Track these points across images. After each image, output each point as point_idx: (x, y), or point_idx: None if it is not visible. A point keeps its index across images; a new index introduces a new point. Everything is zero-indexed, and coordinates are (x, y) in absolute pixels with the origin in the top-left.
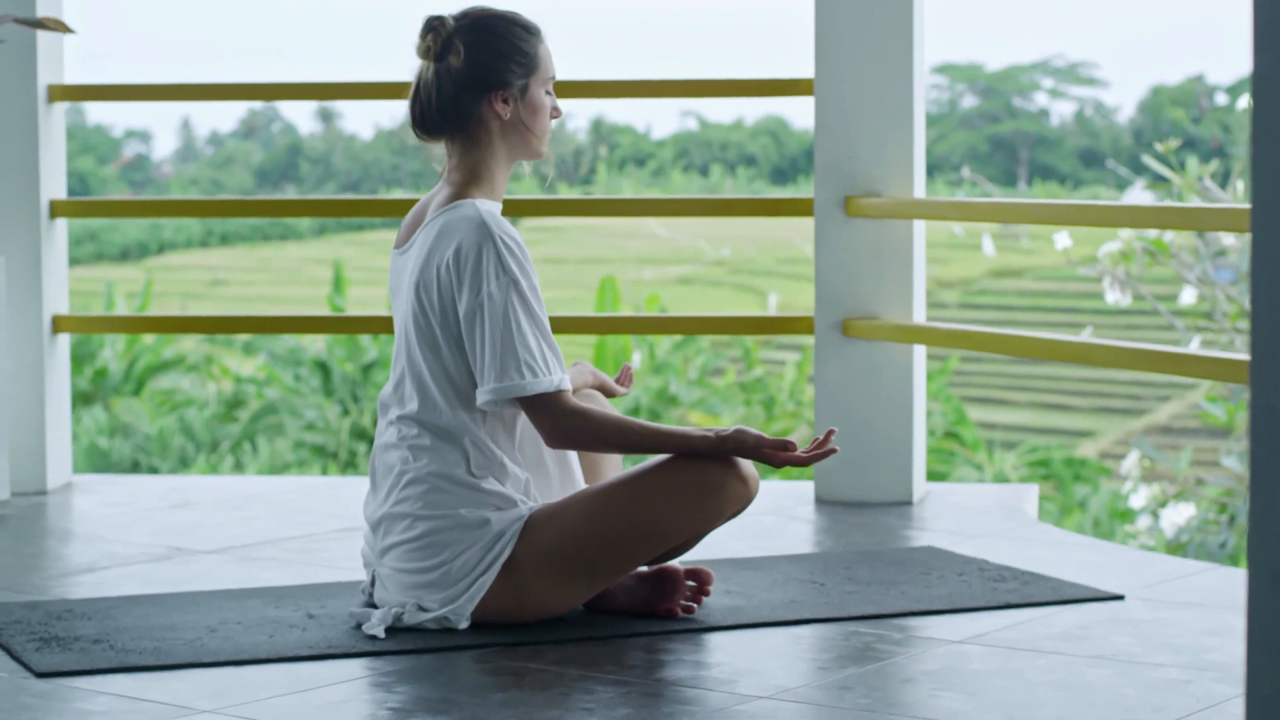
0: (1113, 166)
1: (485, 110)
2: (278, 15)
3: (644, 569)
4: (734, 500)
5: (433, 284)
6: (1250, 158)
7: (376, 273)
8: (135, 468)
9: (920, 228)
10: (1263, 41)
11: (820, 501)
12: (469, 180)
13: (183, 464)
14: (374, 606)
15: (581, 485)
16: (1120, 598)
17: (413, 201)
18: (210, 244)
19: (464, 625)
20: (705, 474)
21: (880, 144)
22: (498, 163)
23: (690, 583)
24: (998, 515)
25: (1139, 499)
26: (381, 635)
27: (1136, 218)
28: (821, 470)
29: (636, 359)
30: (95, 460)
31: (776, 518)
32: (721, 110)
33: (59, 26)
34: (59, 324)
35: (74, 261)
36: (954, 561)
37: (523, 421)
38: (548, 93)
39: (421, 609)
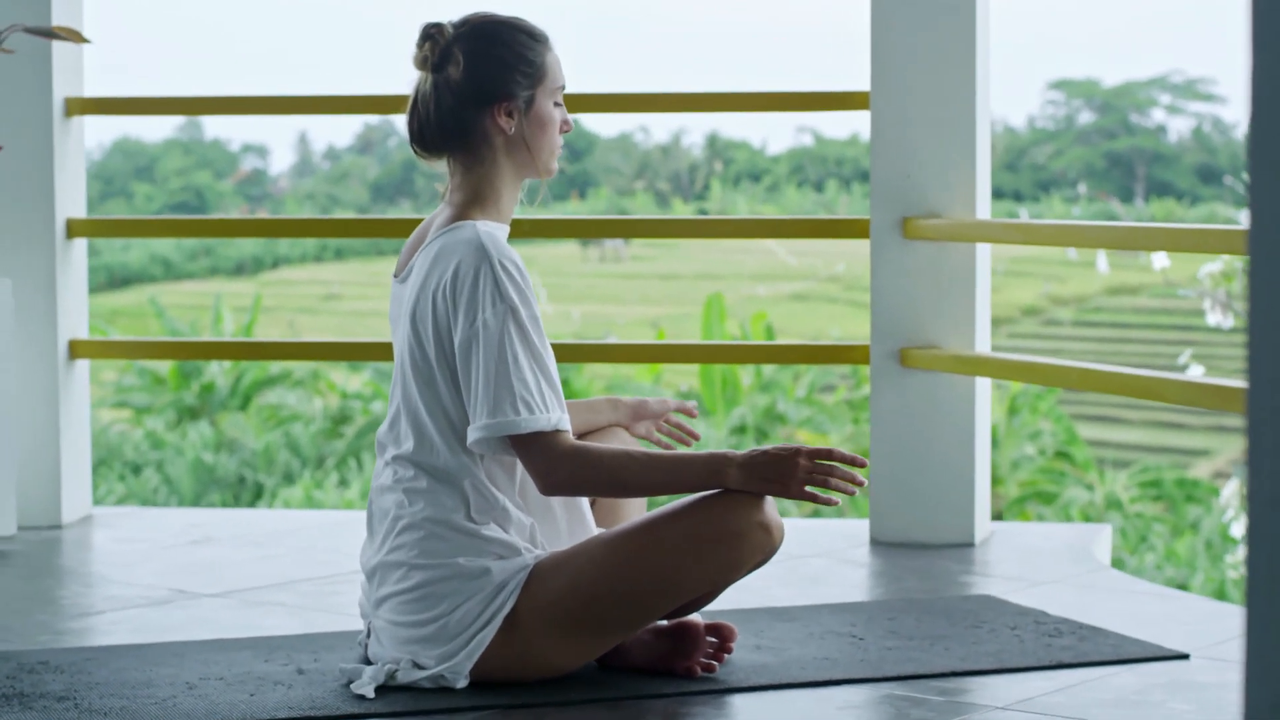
0: (1230, 183)
1: (488, 124)
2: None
3: (663, 623)
4: (756, 550)
5: (428, 313)
6: (1248, 168)
7: None
8: (240, 483)
9: (984, 251)
10: (1261, 41)
11: (875, 543)
12: (471, 200)
13: (287, 480)
14: (369, 662)
15: (594, 532)
16: (1185, 657)
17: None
18: (325, 259)
19: (462, 684)
20: (724, 521)
21: (941, 161)
22: (503, 181)
23: (711, 639)
24: (1065, 559)
25: (1240, 527)
26: (371, 695)
27: (1201, 242)
28: (878, 509)
29: (745, 380)
30: (200, 475)
31: (827, 561)
32: (837, 126)
33: (73, 36)
34: (76, 349)
35: (187, 276)
36: (1008, 613)
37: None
38: (557, 104)
39: (416, 666)
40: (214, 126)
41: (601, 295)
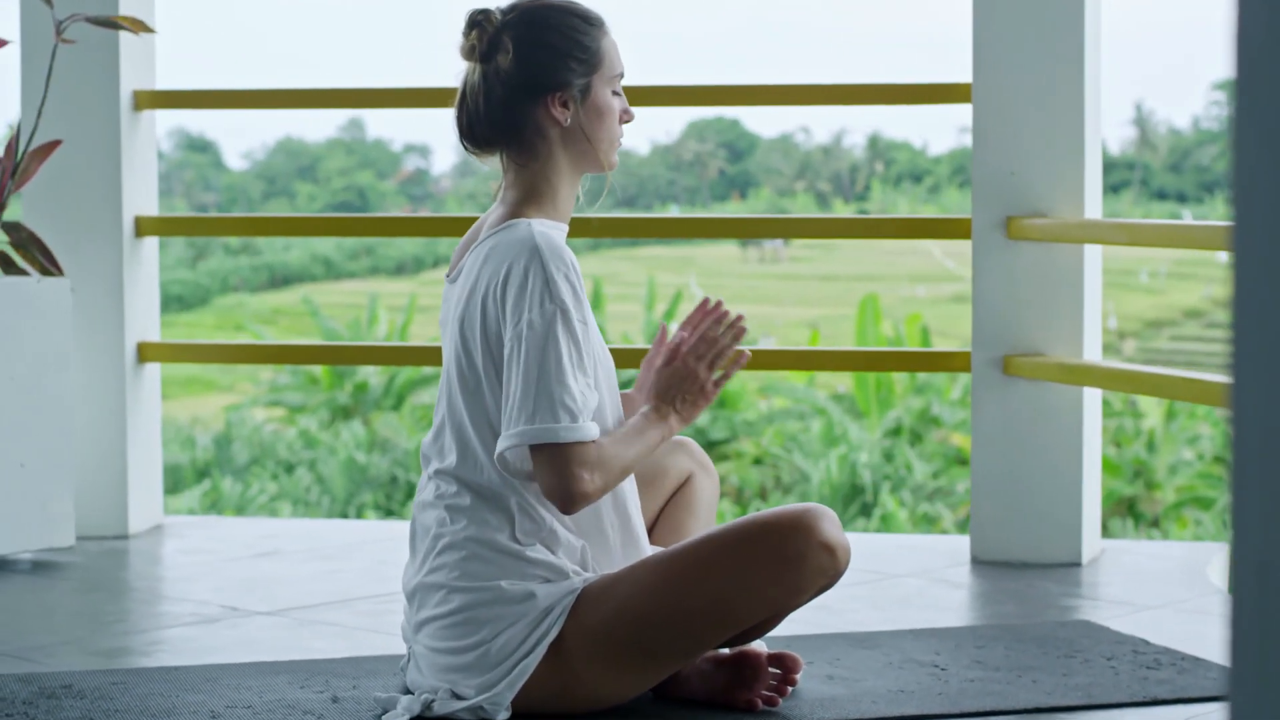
0: None
1: (542, 116)
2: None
3: (724, 651)
4: (818, 574)
5: (476, 317)
6: (1231, 170)
7: (633, 287)
8: (392, 482)
9: (1094, 253)
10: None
11: (976, 562)
12: (526, 198)
13: None
14: (409, 691)
15: (647, 552)
16: None
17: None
18: None
19: (503, 716)
20: (783, 543)
21: (1047, 157)
22: (560, 177)
23: (775, 669)
24: (1177, 580)
25: None
26: None
27: None
28: (979, 526)
29: (901, 382)
30: (352, 475)
31: (922, 581)
32: None
33: (137, 26)
34: (145, 352)
35: (348, 275)
36: (1106, 640)
37: None
38: (615, 93)
39: (455, 696)
40: (376, 126)
41: (760, 296)
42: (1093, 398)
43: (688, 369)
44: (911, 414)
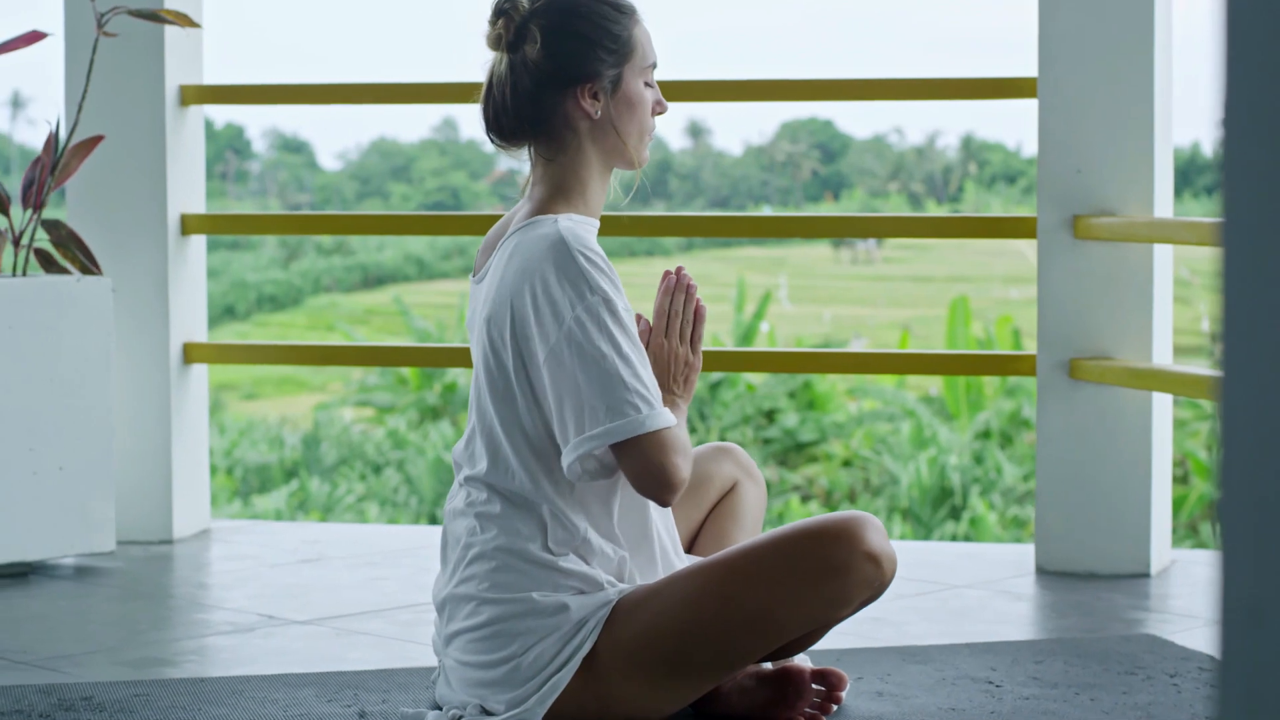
0: None
1: (571, 108)
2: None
3: (766, 666)
4: (862, 585)
5: (505, 318)
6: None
7: (724, 288)
8: None
9: (1164, 253)
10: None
11: (1041, 572)
12: (554, 193)
13: None
14: (439, 706)
15: (686, 561)
16: None
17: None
18: None
19: None
20: (826, 553)
21: (1115, 154)
22: (589, 171)
23: (818, 686)
24: None
25: None
26: None
27: None
28: (1044, 534)
29: (991, 384)
30: (441, 475)
31: (983, 591)
32: None
33: (181, 20)
34: (191, 353)
35: (440, 275)
36: (1171, 656)
37: (624, 487)
38: (648, 84)
39: (485, 712)
40: (470, 127)
41: (852, 297)
42: (1163, 403)
43: (669, 350)
44: (1002, 416)
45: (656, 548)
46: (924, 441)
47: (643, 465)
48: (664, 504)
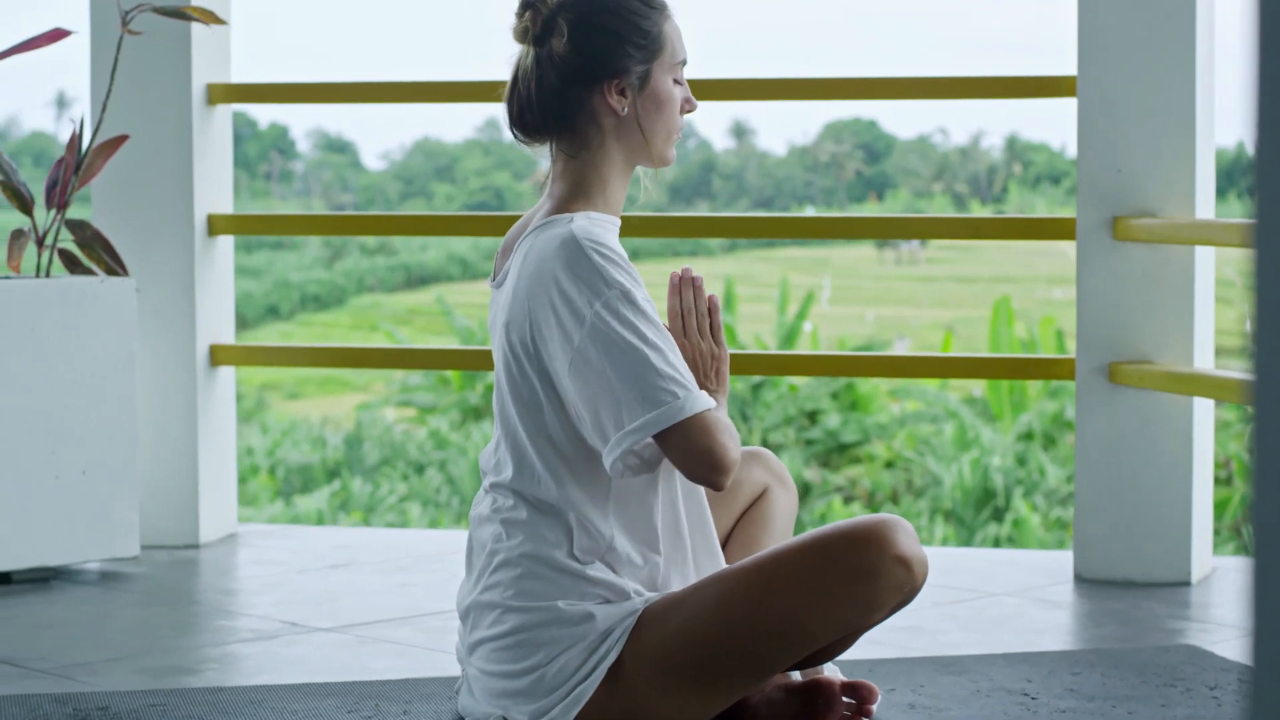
0: None
1: (597, 104)
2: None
3: (795, 677)
4: (892, 590)
5: (524, 324)
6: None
7: (767, 288)
8: None
9: (1206, 255)
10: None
11: (1080, 580)
12: (574, 192)
13: None
14: (461, 717)
15: (721, 565)
16: None
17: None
18: None
19: None
20: (855, 557)
21: (1156, 154)
22: (612, 169)
23: (848, 699)
24: None
25: None
26: None
27: None
28: (1083, 542)
29: (1035, 385)
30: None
31: (1021, 600)
32: None
33: (207, 17)
34: (218, 355)
35: (484, 275)
36: (1211, 667)
37: (663, 491)
38: (677, 81)
39: None
40: None
41: (896, 298)
42: (1204, 408)
43: (692, 347)
44: (1045, 418)
45: (689, 551)
46: (967, 443)
47: (689, 451)
48: (718, 487)
